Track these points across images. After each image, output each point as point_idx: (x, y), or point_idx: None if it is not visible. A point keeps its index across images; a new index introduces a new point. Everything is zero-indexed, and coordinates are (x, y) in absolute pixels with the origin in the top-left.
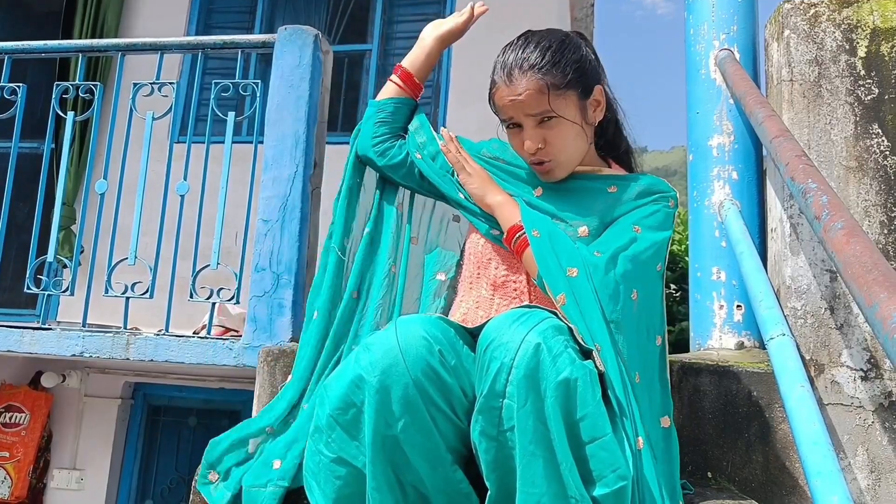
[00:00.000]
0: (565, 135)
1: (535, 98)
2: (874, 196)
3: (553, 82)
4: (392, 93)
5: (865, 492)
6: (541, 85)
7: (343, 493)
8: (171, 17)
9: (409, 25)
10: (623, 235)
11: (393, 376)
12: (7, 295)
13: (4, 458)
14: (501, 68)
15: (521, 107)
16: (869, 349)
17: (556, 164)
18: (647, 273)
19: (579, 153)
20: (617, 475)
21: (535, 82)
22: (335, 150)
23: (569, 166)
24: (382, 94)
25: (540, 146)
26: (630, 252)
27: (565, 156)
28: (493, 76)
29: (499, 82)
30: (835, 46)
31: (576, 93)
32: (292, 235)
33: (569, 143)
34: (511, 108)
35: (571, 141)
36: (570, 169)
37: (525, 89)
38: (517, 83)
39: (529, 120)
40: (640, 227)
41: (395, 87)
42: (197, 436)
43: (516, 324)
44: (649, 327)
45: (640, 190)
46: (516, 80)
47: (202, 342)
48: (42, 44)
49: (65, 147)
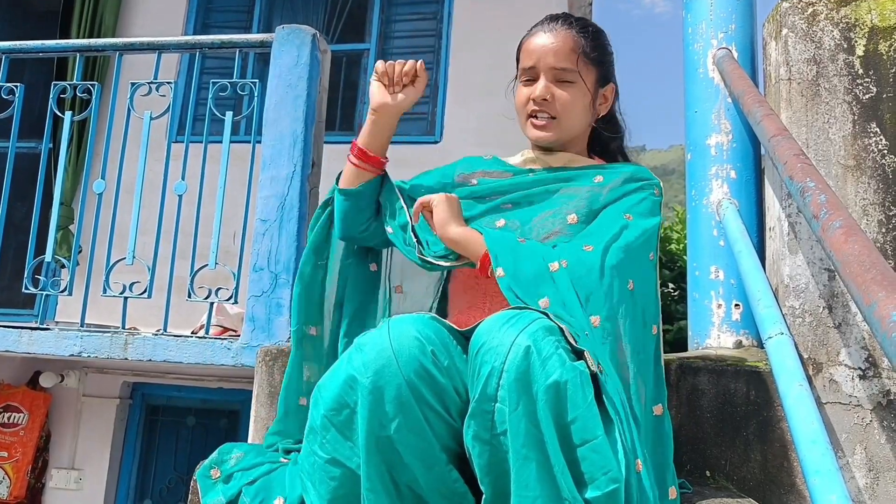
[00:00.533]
0: (575, 100)
1: (567, 52)
2: (872, 195)
3: (587, 48)
4: (360, 178)
5: (864, 490)
6: (576, 43)
7: (338, 493)
8: (168, 17)
9: (407, 24)
10: (614, 224)
11: (386, 377)
12: (5, 295)
13: (3, 458)
14: (545, 21)
15: (550, 55)
16: (867, 348)
17: (555, 124)
18: (641, 261)
19: (579, 125)
20: (609, 478)
21: (573, 39)
22: (333, 150)
23: (564, 132)
24: (347, 178)
25: (547, 98)
26: (622, 242)
27: (567, 119)
28: (532, 29)
29: (536, 30)
30: (833, 45)
31: (597, 71)
32: (290, 235)
33: (575, 109)
34: (538, 54)
35: (577, 108)
36: (564, 136)
37: (563, 39)
38: (556, 32)
39: (549, 73)
40: (631, 214)
41: (357, 170)
42: (195, 435)
43: (506, 326)
44: (645, 316)
45: (625, 176)
46: (556, 30)
47: (200, 342)
48: (40, 43)
49: (63, 147)
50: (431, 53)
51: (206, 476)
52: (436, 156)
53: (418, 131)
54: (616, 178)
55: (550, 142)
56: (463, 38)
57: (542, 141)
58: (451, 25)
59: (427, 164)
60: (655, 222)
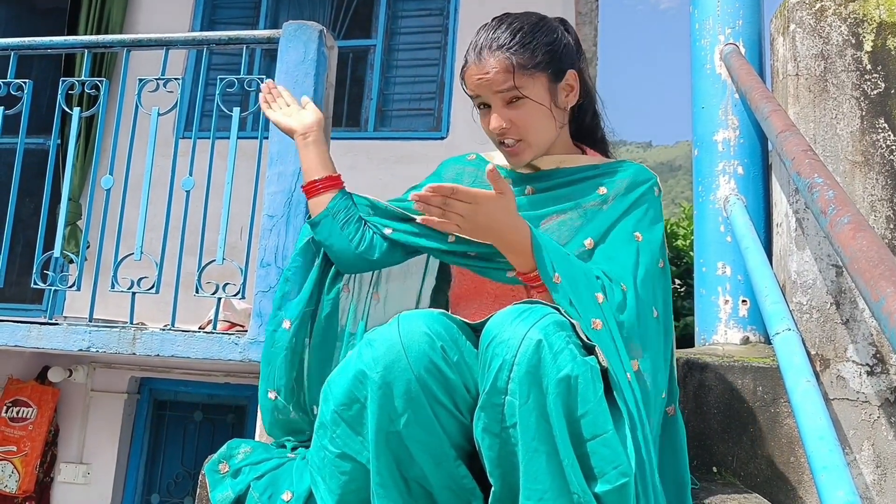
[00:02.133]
0: (532, 116)
1: (502, 76)
2: (880, 190)
3: (520, 62)
4: (324, 201)
5: (871, 486)
6: (507, 64)
7: (348, 488)
8: (175, 13)
9: (413, 20)
10: (628, 248)
11: (395, 372)
12: (14, 290)
13: (12, 453)
14: (473, 48)
15: (489, 85)
16: (875, 344)
17: (524, 146)
18: (657, 281)
19: (548, 136)
20: (619, 472)
21: (503, 61)
22: (340, 146)
23: (537, 148)
24: (315, 209)
25: (505, 126)
26: (641, 274)
27: (533, 137)
28: (466, 56)
29: (469, 61)
30: (841, 41)
31: (545, 74)
32: (298, 231)
33: (536, 124)
34: (479, 87)
35: (539, 122)
36: (538, 151)
37: (492, 68)
38: (485, 62)
39: (497, 99)
40: (640, 233)
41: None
42: (202, 430)
43: (518, 320)
44: (667, 336)
45: (628, 182)
46: (485, 58)
47: (208, 337)
48: (48, 40)
49: (71, 143)
50: (437, 49)
51: (214, 471)
52: (442, 151)
53: (425, 127)
54: (619, 184)
55: (527, 162)
56: (469, 34)
57: (520, 165)
58: (458, 21)
59: (433, 159)
60: (661, 227)
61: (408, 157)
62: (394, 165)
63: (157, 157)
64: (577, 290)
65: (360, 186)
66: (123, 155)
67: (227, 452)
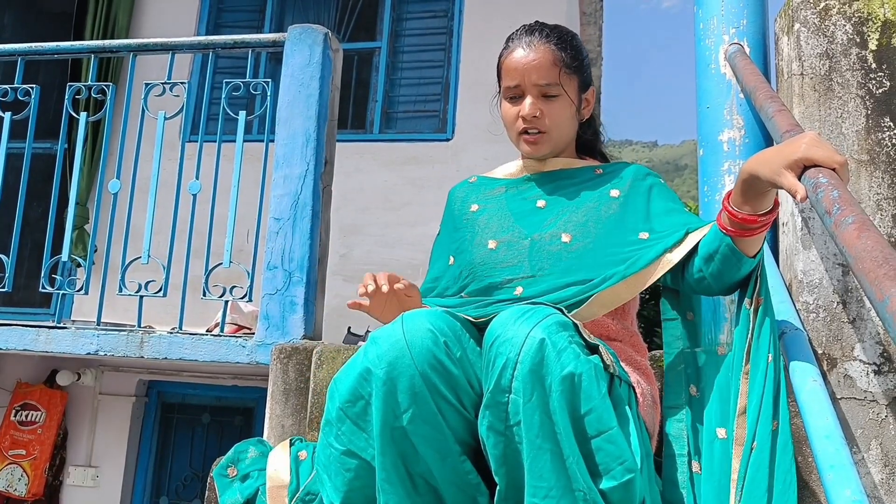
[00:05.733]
0: (562, 112)
1: (548, 67)
2: (886, 189)
3: (566, 60)
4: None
5: (879, 486)
6: (556, 56)
7: (354, 485)
8: (181, 17)
9: (418, 22)
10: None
11: (399, 368)
12: (22, 294)
13: (21, 456)
14: (520, 35)
15: (533, 72)
16: (882, 343)
17: (546, 138)
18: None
19: (568, 136)
20: (624, 468)
21: (552, 53)
22: (345, 148)
23: (556, 144)
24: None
25: (537, 115)
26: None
27: (557, 131)
28: (508, 43)
29: (514, 46)
30: (845, 39)
31: (579, 79)
32: (304, 233)
33: (563, 121)
34: (521, 73)
35: (566, 120)
36: (556, 147)
37: (542, 54)
38: (535, 48)
39: (534, 89)
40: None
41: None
42: (210, 433)
43: (521, 319)
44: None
45: (631, 173)
46: (535, 45)
47: (215, 340)
48: (54, 45)
49: (78, 147)
50: (442, 51)
51: (222, 475)
52: (447, 153)
53: (430, 129)
54: (623, 173)
55: (544, 154)
56: (474, 36)
57: (536, 155)
58: (462, 23)
59: (439, 161)
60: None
61: (413, 159)
62: (399, 167)
63: (164, 161)
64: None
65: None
66: (130, 159)
67: (234, 456)
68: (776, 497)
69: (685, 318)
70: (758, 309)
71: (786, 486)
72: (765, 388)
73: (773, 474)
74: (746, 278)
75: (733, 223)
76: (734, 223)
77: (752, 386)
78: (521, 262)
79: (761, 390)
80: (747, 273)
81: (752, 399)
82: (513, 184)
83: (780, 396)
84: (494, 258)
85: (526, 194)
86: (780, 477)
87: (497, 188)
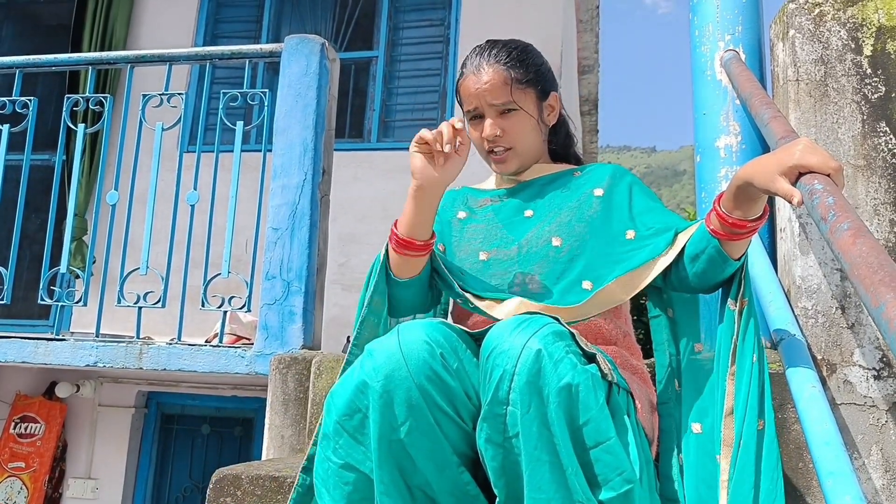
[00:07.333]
0: (523, 126)
1: (499, 88)
2: (883, 194)
3: (516, 76)
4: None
5: (881, 491)
6: (505, 76)
7: (352, 498)
8: (178, 28)
9: (414, 31)
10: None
11: (396, 380)
12: (21, 306)
13: (20, 469)
14: (471, 61)
15: (486, 95)
16: (881, 348)
17: (512, 154)
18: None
19: (535, 147)
20: (623, 478)
21: (501, 73)
22: (343, 157)
23: (524, 157)
24: (398, 268)
25: (498, 133)
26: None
27: (522, 145)
28: (462, 69)
29: (467, 73)
30: (840, 45)
31: (535, 91)
32: (302, 243)
33: (526, 134)
34: (476, 97)
35: (528, 133)
36: (525, 161)
37: (491, 78)
38: (484, 71)
39: (491, 110)
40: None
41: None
42: (210, 443)
43: (517, 330)
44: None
45: (609, 173)
46: (484, 68)
47: (214, 350)
48: (52, 57)
49: (76, 159)
50: (439, 59)
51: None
52: None
53: None
54: (599, 173)
55: (514, 170)
56: (470, 44)
57: (507, 172)
58: (459, 32)
59: None
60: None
61: (409, 168)
62: (397, 175)
63: (162, 172)
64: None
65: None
66: (128, 170)
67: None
68: (763, 495)
69: (666, 315)
70: (742, 311)
71: (773, 484)
72: (750, 388)
73: (759, 472)
74: (729, 279)
75: (723, 226)
76: (724, 226)
77: (739, 387)
78: (513, 270)
79: (747, 390)
80: (730, 274)
81: (739, 400)
82: (497, 195)
83: (765, 396)
84: (486, 270)
85: (512, 204)
86: (767, 475)
87: (482, 199)
